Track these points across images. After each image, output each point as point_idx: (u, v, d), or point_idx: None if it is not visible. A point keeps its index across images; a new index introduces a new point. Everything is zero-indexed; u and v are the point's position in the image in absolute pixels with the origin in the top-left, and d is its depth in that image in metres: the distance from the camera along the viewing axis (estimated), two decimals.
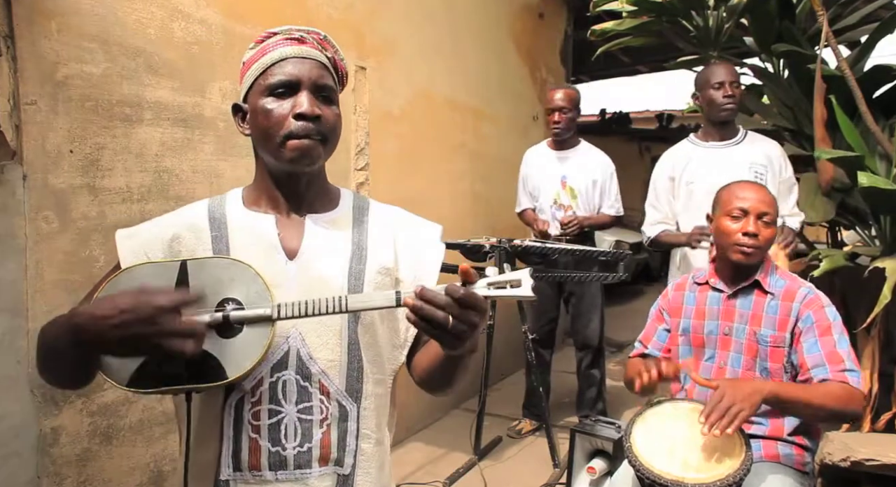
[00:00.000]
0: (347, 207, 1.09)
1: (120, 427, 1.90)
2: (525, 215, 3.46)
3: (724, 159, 2.57)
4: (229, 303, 0.88)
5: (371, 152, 2.98)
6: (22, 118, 1.64)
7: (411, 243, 1.10)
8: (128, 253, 0.98)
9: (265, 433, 0.94)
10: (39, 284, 1.66)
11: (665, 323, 1.85)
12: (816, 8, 2.59)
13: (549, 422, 3.04)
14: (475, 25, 3.91)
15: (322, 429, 0.96)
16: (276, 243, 0.99)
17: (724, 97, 2.53)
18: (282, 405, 0.94)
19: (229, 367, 0.86)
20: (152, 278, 0.88)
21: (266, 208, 1.03)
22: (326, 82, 0.99)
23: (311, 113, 0.95)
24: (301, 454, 0.95)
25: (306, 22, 2.71)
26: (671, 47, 3.54)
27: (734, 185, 1.77)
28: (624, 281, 2.83)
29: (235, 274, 0.89)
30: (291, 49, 0.98)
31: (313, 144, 0.96)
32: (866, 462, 1.70)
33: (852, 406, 1.49)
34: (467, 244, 2.84)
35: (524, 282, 0.84)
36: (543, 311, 3.43)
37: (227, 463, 0.94)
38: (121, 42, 1.86)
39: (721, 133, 2.63)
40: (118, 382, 0.84)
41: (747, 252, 1.66)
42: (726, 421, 1.34)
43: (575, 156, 3.34)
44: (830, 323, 1.59)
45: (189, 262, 0.89)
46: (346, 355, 0.99)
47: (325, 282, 0.98)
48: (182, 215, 1.04)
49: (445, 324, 0.81)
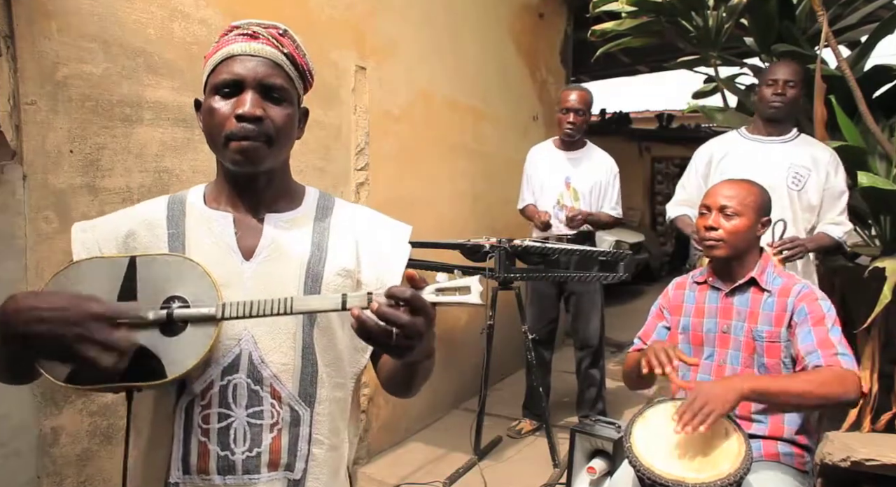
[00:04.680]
0: (310, 207, 1.06)
1: (120, 427, 1.90)
2: (527, 210, 3.44)
3: (763, 155, 2.52)
4: (175, 301, 0.87)
5: (371, 152, 2.98)
6: (22, 118, 1.64)
7: (375, 244, 1.06)
8: (80, 248, 0.97)
9: (214, 437, 0.92)
10: (39, 284, 1.66)
11: (665, 320, 1.86)
12: (816, 8, 2.59)
13: (549, 422, 3.03)
14: (475, 25, 3.91)
15: (272, 434, 0.94)
16: (233, 243, 0.98)
17: (773, 94, 2.49)
18: (231, 409, 0.93)
19: (170, 366, 0.85)
20: (99, 273, 0.87)
21: (225, 206, 1.01)
22: (275, 81, 0.95)
23: (250, 114, 0.92)
24: (250, 459, 0.93)
25: (307, 22, 2.73)
26: (671, 47, 3.54)
27: (711, 187, 1.80)
28: (624, 281, 2.83)
29: (184, 272, 0.89)
30: (240, 46, 0.95)
31: (255, 146, 0.93)
32: (866, 462, 1.71)
33: (846, 388, 1.47)
34: (467, 244, 2.84)
35: (473, 289, 0.82)
36: (543, 311, 3.42)
37: (177, 466, 0.93)
38: (121, 42, 1.86)
39: (768, 129, 2.58)
40: (56, 378, 0.83)
41: (708, 244, 1.71)
42: (698, 420, 1.36)
43: (581, 158, 3.33)
44: (824, 314, 1.60)
45: (138, 258, 0.89)
46: (300, 359, 0.96)
47: (281, 284, 0.96)
48: (140, 211, 1.02)
49: (388, 339, 0.79)
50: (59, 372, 0.83)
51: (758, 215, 1.72)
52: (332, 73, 2.74)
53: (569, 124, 3.23)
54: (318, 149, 2.67)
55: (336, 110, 2.77)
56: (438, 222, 3.53)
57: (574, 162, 3.33)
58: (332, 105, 2.76)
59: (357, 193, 2.91)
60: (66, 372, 0.83)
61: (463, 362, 3.66)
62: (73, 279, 0.87)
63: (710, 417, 1.36)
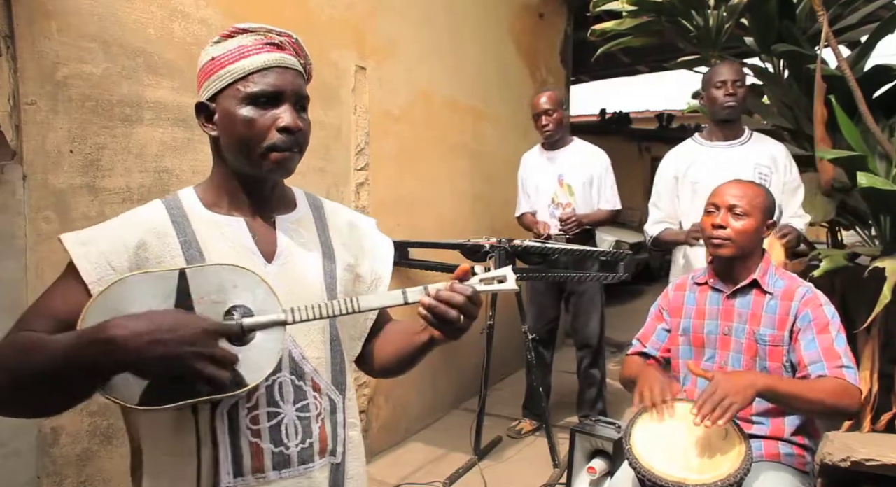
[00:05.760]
0: (306, 208, 1.10)
1: (120, 427, 1.90)
2: (524, 219, 3.46)
3: (729, 160, 2.56)
4: (237, 310, 0.87)
5: (371, 152, 2.98)
6: (22, 118, 1.64)
7: (363, 239, 1.14)
8: (88, 264, 0.90)
9: (266, 435, 0.95)
10: (39, 284, 1.66)
11: (665, 322, 1.85)
12: (816, 8, 2.59)
13: (549, 422, 3.04)
14: (475, 25, 3.91)
15: (318, 424, 0.99)
16: (252, 246, 0.99)
17: (725, 95, 2.53)
18: (280, 406, 0.96)
19: (249, 374, 0.85)
20: (149, 288, 0.84)
21: (230, 210, 1.01)
22: (305, 93, 0.99)
23: (295, 127, 0.95)
24: (304, 450, 0.97)
25: (307, 22, 2.72)
26: (671, 47, 3.54)
27: (719, 185, 1.80)
28: (624, 281, 2.83)
29: (238, 280, 0.88)
30: (273, 57, 0.96)
31: (293, 156, 0.97)
32: (866, 462, 1.70)
33: (849, 401, 1.49)
34: (467, 244, 2.84)
35: (509, 277, 0.95)
36: (543, 311, 3.42)
37: (228, 470, 0.93)
38: (121, 42, 1.86)
39: (725, 133, 2.62)
40: (127, 401, 0.81)
41: (716, 243, 1.70)
42: (718, 413, 1.35)
43: (569, 154, 3.34)
44: (828, 320, 1.59)
45: (187, 270, 0.87)
46: (330, 351, 1.03)
47: (305, 283, 1.00)
48: (140, 219, 0.97)
49: (456, 321, 0.90)
50: (131, 394, 0.81)
51: (765, 216, 1.71)
52: (332, 73, 2.74)
53: (543, 127, 3.27)
54: (318, 150, 2.67)
55: (336, 110, 2.77)
56: (438, 222, 3.53)
57: (563, 159, 3.33)
58: (332, 105, 2.76)
59: (357, 193, 2.91)
60: (139, 394, 0.81)
61: (463, 362, 3.66)
62: (123, 296, 0.83)
63: (730, 411, 1.35)
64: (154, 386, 0.81)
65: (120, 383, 0.80)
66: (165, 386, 0.81)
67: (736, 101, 2.53)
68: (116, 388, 0.80)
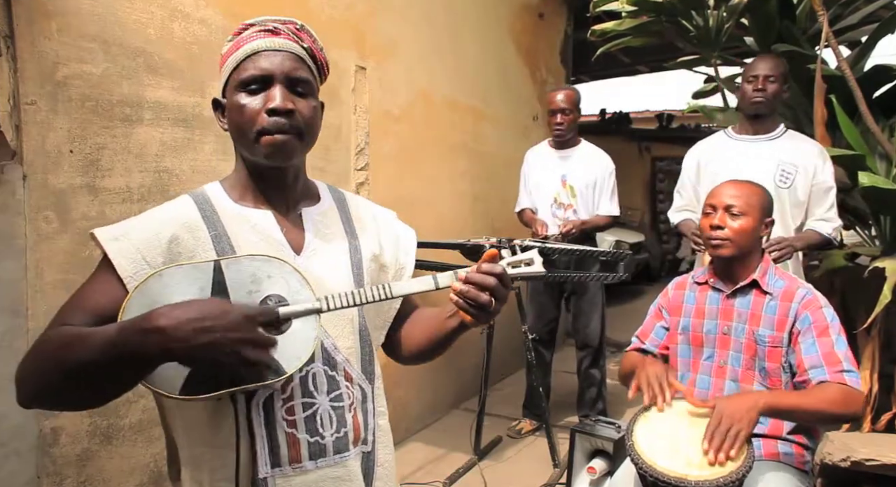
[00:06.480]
0: (330, 200, 1.11)
1: (120, 427, 1.90)
2: (524, 215, 3.46)
3: (751, 153, 2.51)
4: (271, 300, 0.88)
5: (371, 152, 2.98)
6: (22, 118, 1.64)
7: (386, 229, 1.15)
8: (123, 260, 0.90)
9: (302, 426, 0.95)
10: (39, 284, 1.66)
11: (664, 320, 1.86)
12: (816, 8, 2.59)
13: (549, 422, 3.04)
14: (475, 25, 3.91)
15: (351, 413, 1.00)
16: (282, 238, 0.99)
17: (754, 91, 2.47)
18: (314, 396, 0.96)
19: (286, 362, 0.86)
20: (185, 280, 0.86)
21: (257, 203, 1.01)
22: (301, 75, 0.97)
23: (282, 107, 0.93)
24: (339, 439, 0.98)
25: (306, 22, 2.70)
26: (671, 47, 3.54)
27: (716, 186, 1.80)
28: (624, 281, 2.83)
29: (272, 270, 0.90)
30: (264, 41, 0.96)
31: (287, 139, 0.95)
32: (866, 462, 1.71)
33: (852, 407, 1.50)
34: (467, 244, 2.84)
35: (536, 260, 0.94)
36: (543, 311, 3.42)
37: (265, 461, 0.93)
38: (121, 42, 1.86)
39: (755, 127, 2.56)
40: (169, 392, 0.82)
41: (713, 243, 1.70)
42: (728, 444, 1.37)
43: (575, 156, 3.34)
44: (828, 323, 1.59)
45: (222, 262, 0.88)
46: (359, 340, 1.03)
47: (333, 274, 1.01)
48: (170, 214, 0.97)
49: (489, 305, 0.89)
50: (173, 385, 0.82)
51: (762, 215, 1.72)
52: (332, 72, 2.71)
53: (557, 124, 3.26)
54: (318, 149, 2.64)
55: (336, 110, 2.77)
56: (438, 222, 3.53)
57: (569, 160, 3.33)
58: (332, 105, 2.76)
59: (357, 193, 2.91)
60: (180, 384, 0.82)
61: (463, 362, 3.66)
62: (161, 289, 0.85)
63: (739, 439, 1.38)
64: (195, 375, 0.82)
65: (161, 373, 0.81)
66: (206, 376, 0.82)
67: (764, 97, 2.46)
68: (158, 378, 0.82)
